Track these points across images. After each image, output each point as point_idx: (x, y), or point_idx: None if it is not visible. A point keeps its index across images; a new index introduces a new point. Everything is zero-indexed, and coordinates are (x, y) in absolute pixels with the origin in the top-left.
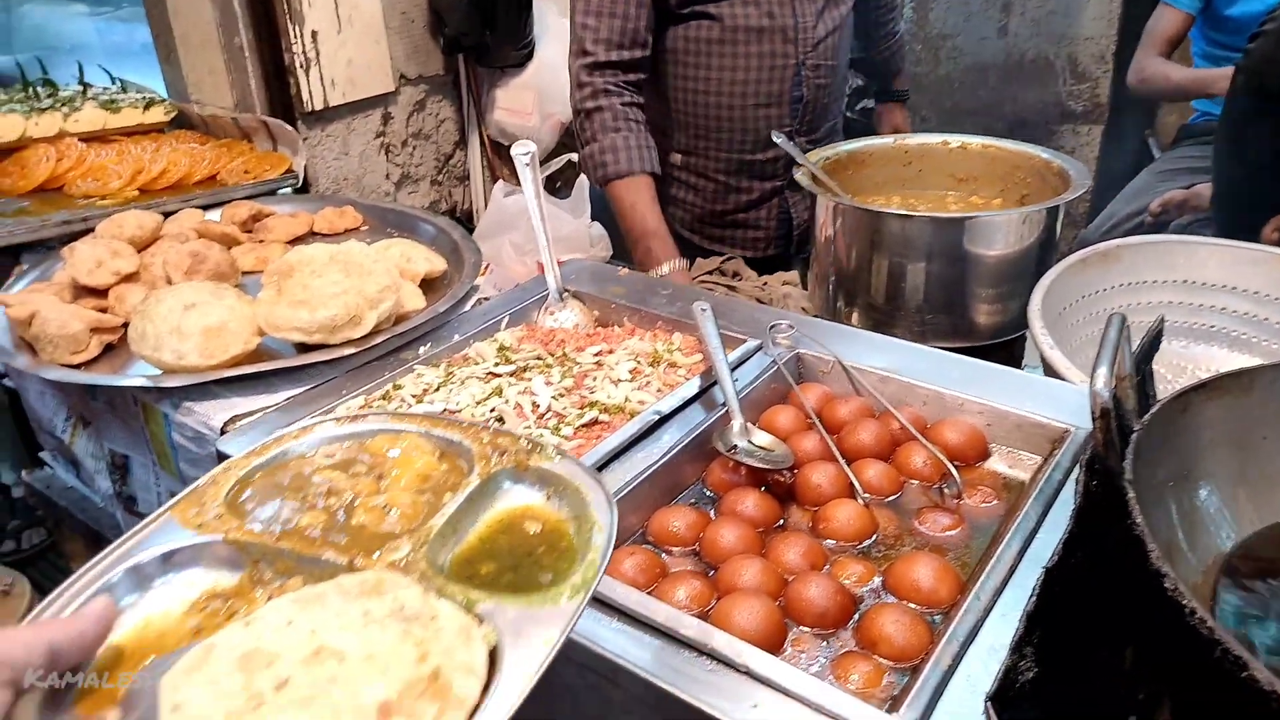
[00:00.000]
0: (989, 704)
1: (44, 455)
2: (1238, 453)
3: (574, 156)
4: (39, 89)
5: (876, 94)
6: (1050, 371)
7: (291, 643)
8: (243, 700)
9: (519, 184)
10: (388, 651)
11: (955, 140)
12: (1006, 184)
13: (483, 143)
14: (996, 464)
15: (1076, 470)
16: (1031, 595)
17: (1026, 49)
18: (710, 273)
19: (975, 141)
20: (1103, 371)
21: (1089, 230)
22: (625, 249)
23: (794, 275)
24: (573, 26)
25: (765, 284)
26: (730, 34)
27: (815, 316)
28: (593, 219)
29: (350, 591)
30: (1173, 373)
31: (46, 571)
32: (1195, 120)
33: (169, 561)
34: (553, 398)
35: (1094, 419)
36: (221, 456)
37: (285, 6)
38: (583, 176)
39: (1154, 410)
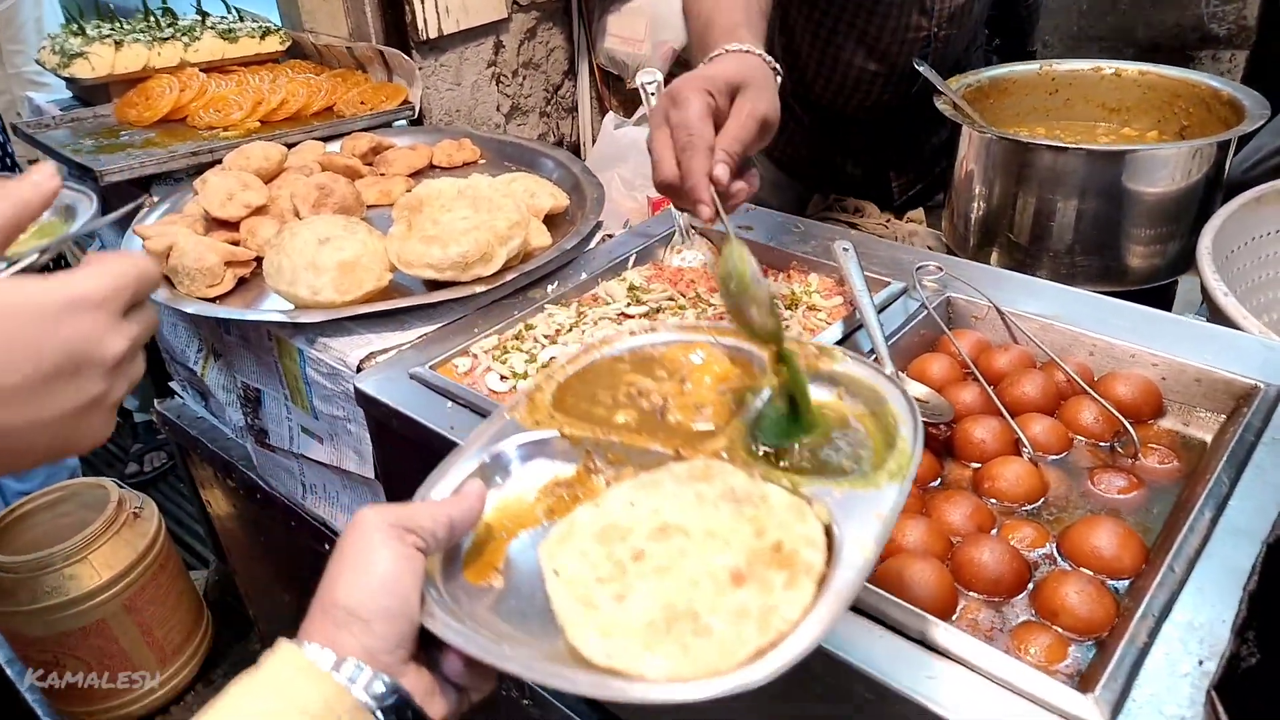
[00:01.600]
0: (1211, 693)
1: (173, 385)
2: None
3: None
4: (159, 19)
5: (999, 51)
6: (1218, 319)
7: (639, 520)
8: (609, 568)
9: (628, 115)
10: (726, 528)
11: (1109, 66)
12: (1164, 114)
13: (592, 72)
14: (1172, 422)
15: (1269, 431)
16: (1252, 573)
17: None
18: (829, 208)
19: (1131, 68)
20: None
21: (1231, 167)
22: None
23: (919, 213)
24: None
25: (889, 221)
26: (871, 3)
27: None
28: None
29: (682, 477)
30: None
31: (169, 495)
32: None
33: (518, 454)
34: None
35: None
36: (358, 393)
37: None
38: None
39: None
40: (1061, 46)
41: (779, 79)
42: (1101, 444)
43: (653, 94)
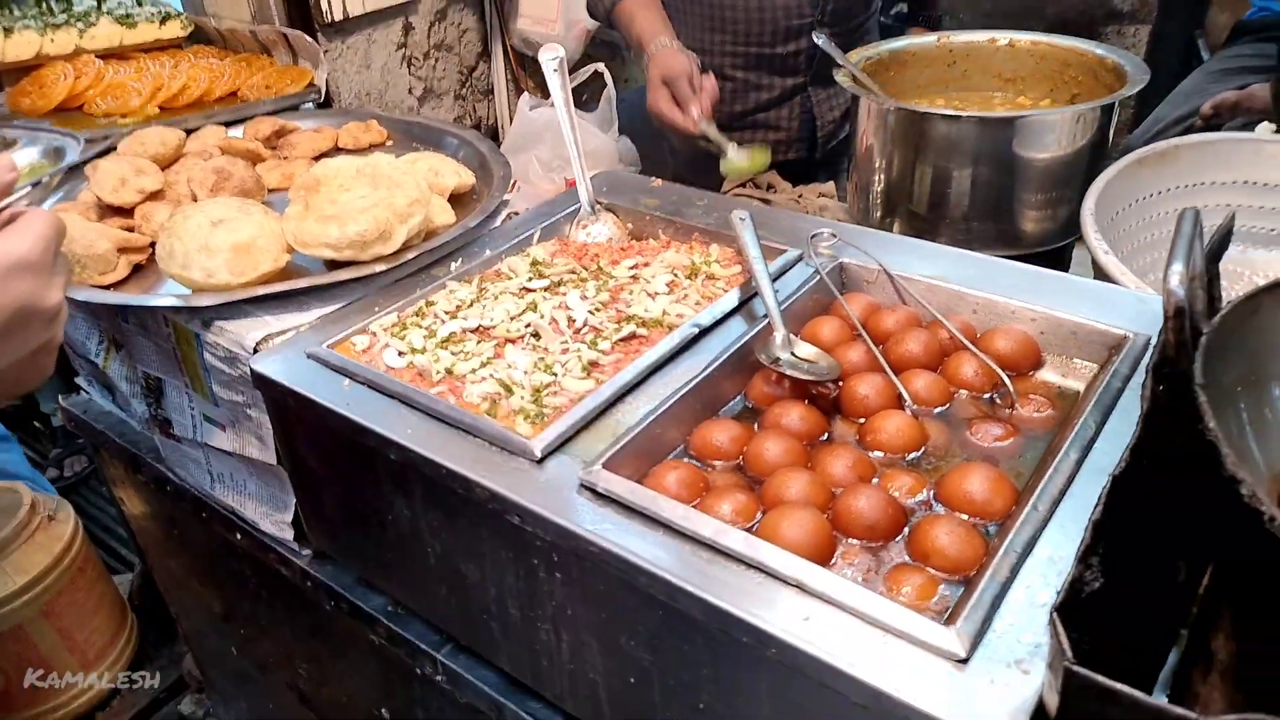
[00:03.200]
0: (1054, 614)
1: (79, 380)
2: None
3: (600, 66)
4: (53, 4)
5: (908, 17)
6: (1102, 278)
7: None
8: None
9: (545, 97)
10: None
11: (1003, 37)
12: (1056, 83)
13: (506, 54)
14: (1050, 373)
15: (1136, 377)
16: (1098, 504)
17: None
18: (744, 184)
19: (1024, 38)
20: (1177, 268)
21: (1134, 136)
22: (654, 163)
23: (829, 187)
24: None
25: (800, 195)
26: None
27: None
28: (621, 133)
29: None
30: (1229, 279)
31: (89, 498)
32: (1252, 16)
33: None
34: (589, 312)
35: (1166, 318)
36: (255, 377)
37: None
38: (610, 87)
39: (1225, 311)
40: (974, 23)
41: None
42: (982, 396)
43: (554, 71)
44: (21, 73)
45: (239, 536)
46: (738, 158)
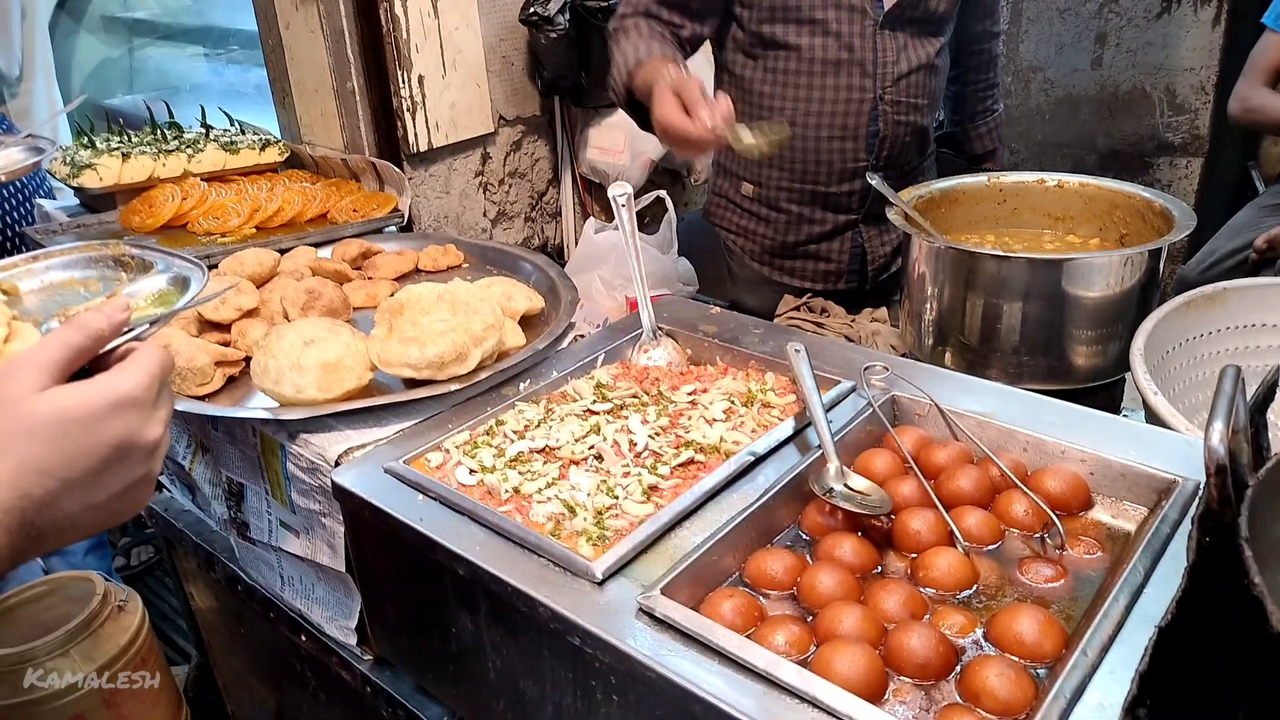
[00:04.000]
0: None
1: (161, 479)
2: None
3: (662, 193)
4: (165, 131)
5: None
6: (1154, 418)
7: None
8: None
9: (609, 220)
10: None
11: (1051, 178)
12: (1105, 223)
13: (575, 180)
14: (1100, 514)
15: (1185, 523)
16: (1144, 655)
17: (1121, 80)
18: (797, 309)
19: (1072, 180)
20: (1218, 426)
21: (1188, 267)
22: (713, 284)
23: (883, 313)
24: None
25: (853, 321)
26: (808, 65)
27: (906, 356)
28: (680, 254)
29: None
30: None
31: (152, 586)
32: None
33: None
34: (649, 436)
35: (1208, 475)
36: (335, 488)
37: (395, 53)
38: (670, 212)
39: (1270, 464)
40: (1027, 153)
41: None
42: (1032, 535)
43: (623, 205)
44: (134, 192)
45: (303, 638)
46: (750, 138)
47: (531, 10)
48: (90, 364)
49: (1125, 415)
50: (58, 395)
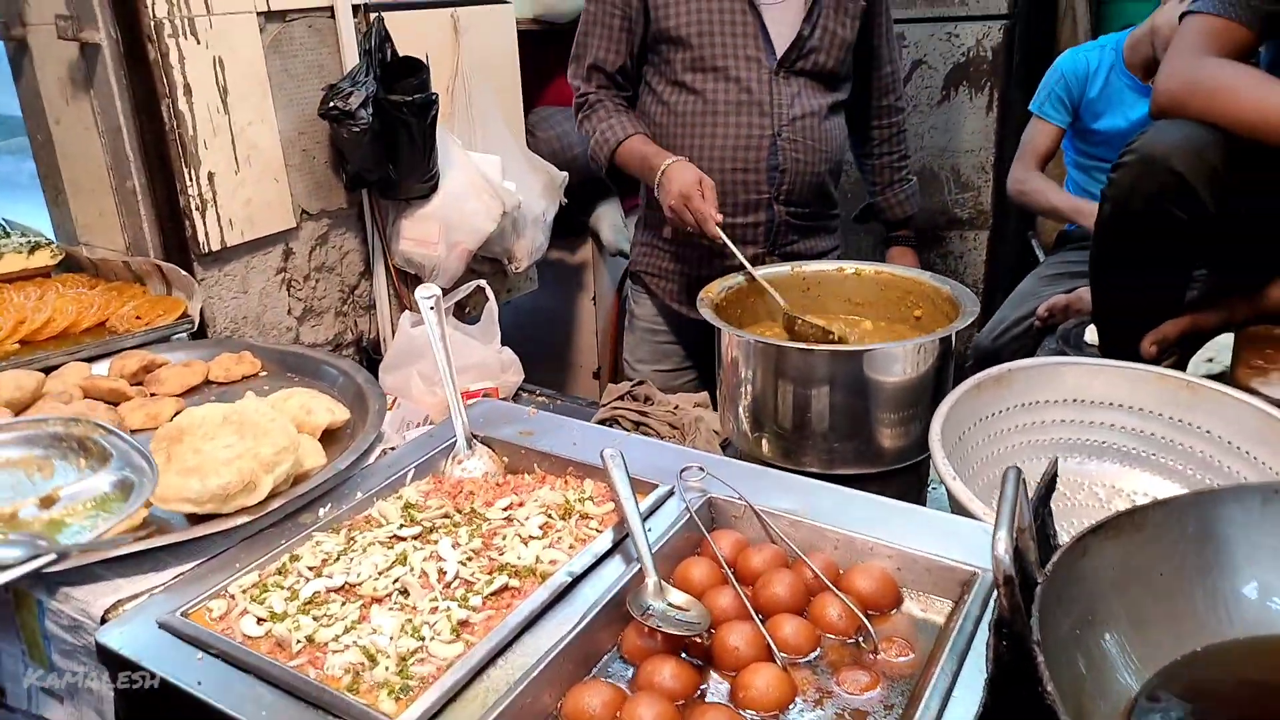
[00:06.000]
0: None
1: None
2: (1138, 591)
3: (483, 283)
4: None
5: (884, 239)
6: (955, 502)
7: None
8: None
9: None
10: None
11: (850, 266)
12: (899, 307)
13: (389, 272)
14: (910, 608)
15: (987, 614)
16: None
17: (912, 161)
18: (621, 398)
19: (868, 268)
20: (1002, 536)
21: (981, 335)
22: (538, 374)
23: (704, 396)
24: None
25: (676, 408)
26: (713, 107)
27: (726, 443)
28: (503, 343)
29: None
30: (1070, 489)
31: None
32: (1071, 228)
33: None
34: (460, 563)
35: (998, 585)
36: (100, 649)
37: (180, 150)
38: (491, 301)
39: (1055, 560)
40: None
41: None
42: (847, 640)
43: (431, 308)
44: None
45: None
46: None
47: (331, 105)
48: None
49: (931, 488)
50: None
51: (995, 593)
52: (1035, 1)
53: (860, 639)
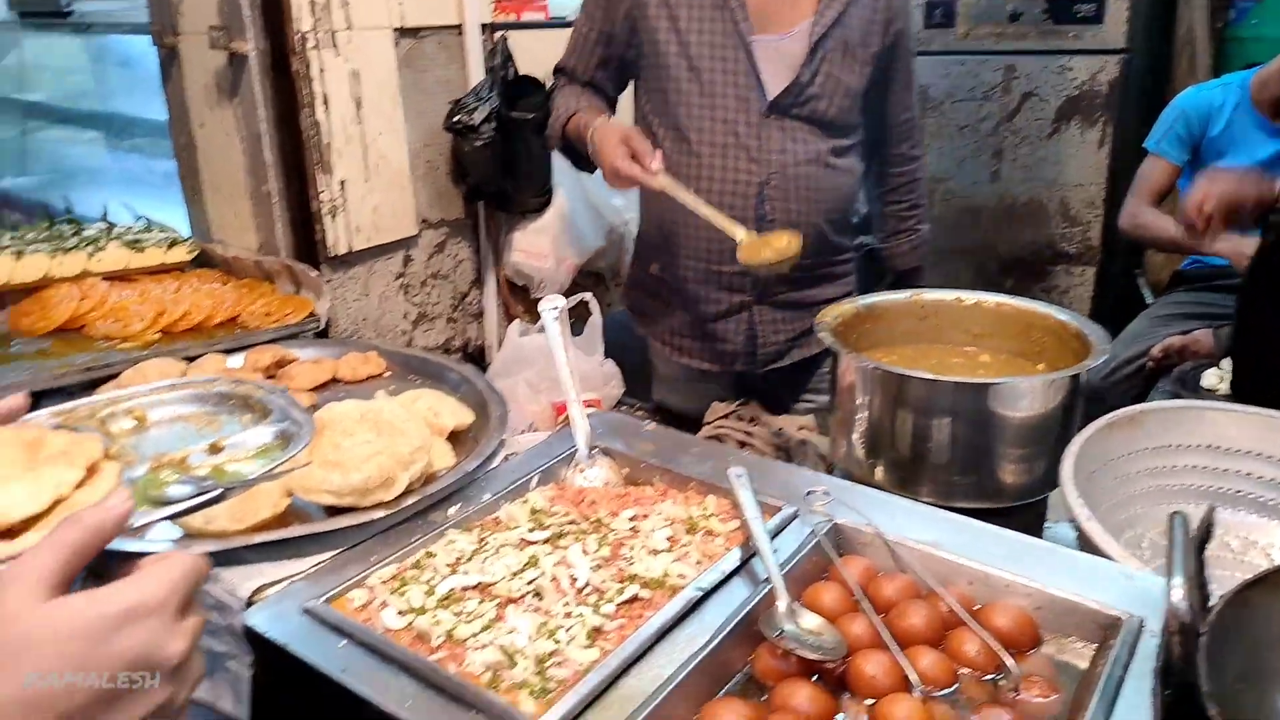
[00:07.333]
0: None
1: None
2: None
3: (587, 296)
4: (63, 228)
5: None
6: (1086, 541)
7: None
8: None
9: (533, 322)
10: None
11: (970, 297)
12: (1022, 341)
13: (499, 282)
14: (1050, 649)
15: (1135, 663)
16: None
17: (1019, 193)
18: (725, 416)
19: (990, 299)
20: (1178, 583)
21: (1090, 374)
22: (638, 388)
23: (809, 420)
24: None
25: (781, 430)
26: (697, 148)
27: (836, 469)
28: (606, 355)
29: None
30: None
31: None
32: (1187, 267)
33: None
34: (590, 569)
35: (1169, 633)
36: (246, 630)
37: (317, 157)
38: (595, 314)
39: (1218, 610)
40: (934, 259)
41: None
42: (985, 677)
43: (555, 319)
44: (26, 292)
45: None
46: (743, 235)
47: (456, 119)
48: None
49: (1049, 527)
50: (58, 608)
51: (1161, 640)
52: (1153, 37)
53: (999, 677)
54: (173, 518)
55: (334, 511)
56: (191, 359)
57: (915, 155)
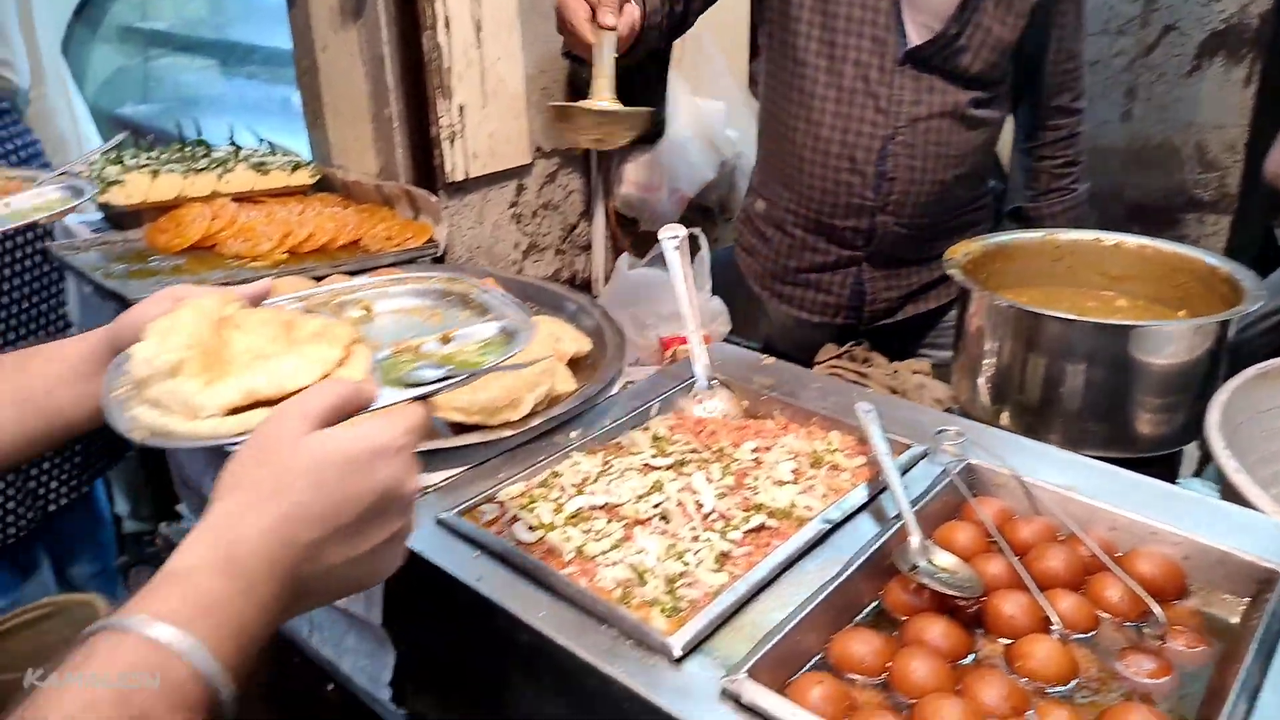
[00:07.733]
0: None
1: (180, 508)
2: None
3: (698, 231)
4: (194, 150)
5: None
6: (1230, 493)
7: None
8: None
9: (639, 256)
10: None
11: (1110, 238)
12: (1163, 286)
13: (607, 215)
14: (1196, 602)
15: None
16: None
17: (1152, 134)
18: (838, 356)
19: (1131, 241)
20: None
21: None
22: (742, 323)
23: (925, 365)
24: None
25: (895, 371)
26: (823, 90)
27: (956, 411)
28: (713, 292)
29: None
30: None
31: None
32: None
33: None
34: (716, 497)
35: None
36: None
37: (438, 81)
38: (704, 249)
39: None
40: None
41: None
42: (1128, 623)
43: (675, 249)
44: (160, 210)
45: (331, 688)
46: (599, 104)
47: None
48: None
49: (1179, 483)
50: (321, 440)
51: None
52: None
53: (1144, 625)
54: (421, 399)
55: (460, 429)
56: (319, 279)
57: (1077, 109)
